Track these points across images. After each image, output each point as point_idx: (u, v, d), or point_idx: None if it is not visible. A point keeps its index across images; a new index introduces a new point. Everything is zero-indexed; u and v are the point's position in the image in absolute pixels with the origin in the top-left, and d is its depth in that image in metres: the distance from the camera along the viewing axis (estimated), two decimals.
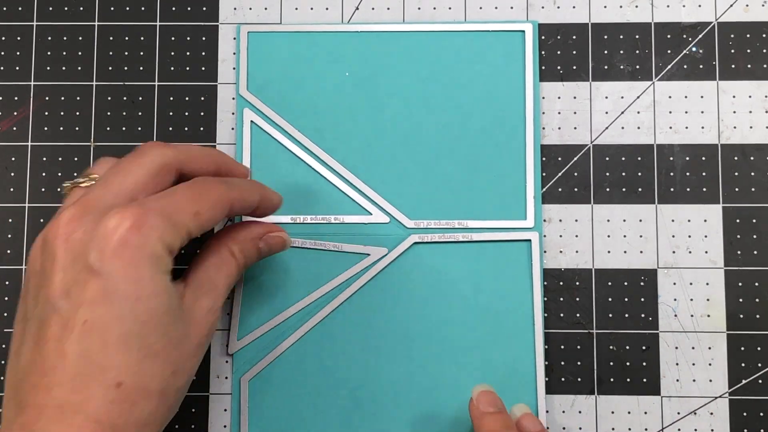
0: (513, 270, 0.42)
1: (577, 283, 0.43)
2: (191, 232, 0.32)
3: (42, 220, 0.43)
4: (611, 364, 0.42)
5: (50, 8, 0.44)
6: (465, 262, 0.42)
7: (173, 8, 0.44)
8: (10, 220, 0.43)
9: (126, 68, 0.44)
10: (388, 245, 0.42)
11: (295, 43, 0.44)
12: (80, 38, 0.44)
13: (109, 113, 0.44)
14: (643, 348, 0.42)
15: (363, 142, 0.43)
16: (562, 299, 0.43)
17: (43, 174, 0.43)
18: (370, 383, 0.41)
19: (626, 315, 0.42)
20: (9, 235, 0.43)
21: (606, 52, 0.44)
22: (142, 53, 0.44)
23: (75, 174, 0.43)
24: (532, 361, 0.41)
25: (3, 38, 0.44)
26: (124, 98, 0.44)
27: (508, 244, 0.42)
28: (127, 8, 0.44)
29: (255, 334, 0.42)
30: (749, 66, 0.44)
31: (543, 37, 0.44)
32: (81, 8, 0.44)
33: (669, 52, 0.44)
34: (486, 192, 0.42)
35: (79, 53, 0.44)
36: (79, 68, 0.44)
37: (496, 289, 0.42)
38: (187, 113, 0.44)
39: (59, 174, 0.43)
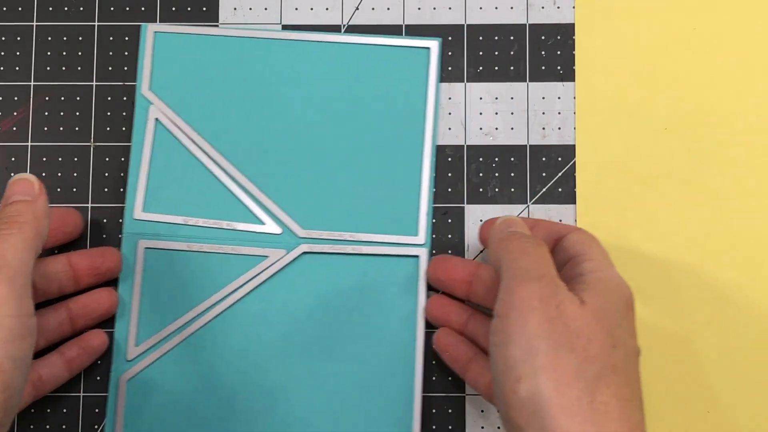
0: (401, 285, 0.42)
1: None
2: None
3: None
4: None
5: (50, 8, 0.44)
6: (354, 275, 0.42)
7: (173, 8, 0.44)
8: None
9: (126, 68, 0.44)
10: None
11: (201, 46, 0.43)
12: (80, 38, 0.44)
13: (109, 113, 0.44)
14: None
15: (262, 149, 0.43)
16: None
17: (43, 174, 0.43)
18: (246, 390, 0.41)
19: None
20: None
21: None
22: None
23: (75, 174, 0.43)
24: (412, 376, 0.41)
25: (3, 38, 0.44)
26: (124, 98, 0.44)
27: (398, 259, 0.42)
28: (127, 8, 0.44)
29: (152, 341, 0.41)
30: None
31: (543, 37, 0.44)
32: (81, 8, 0.44)
33: None
34: (381, 206, 0.42)
35: (79, 53, 0.44)
36: (79, 68, 0.44)
37: (381, 303, 0.42)
38: None
39: (59, 174, 0.43)
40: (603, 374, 0.30)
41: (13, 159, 0.44)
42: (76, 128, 0.44)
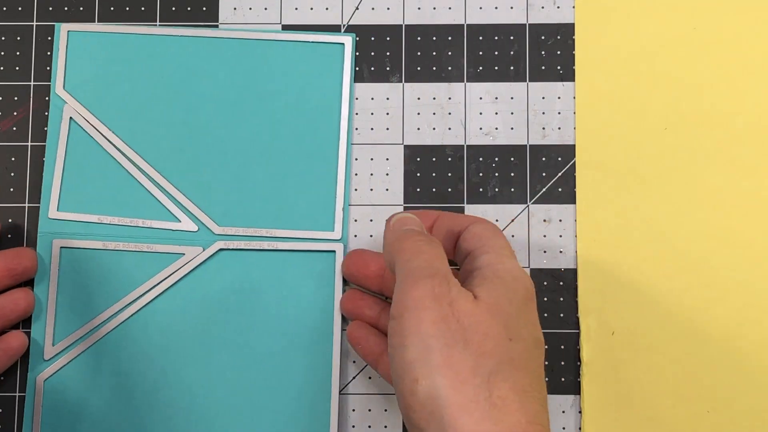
0: (317, 280, 0.42)
1: (578, 283, 0.43)
2: None
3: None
4: None
5: (50, 8, 0.44)
6: (271, 271, 0.42)
7: (173, 8, 0.44)
8: (10, 220, 0.43)
9: None
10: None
11: (116, 44, 0.43)
12: None
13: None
14: None
15: (177, 146, 0.43)
16: (562, 299, 0.43)
17: (43, 174, 0.43)
18: (165, 387, 0.41)
19: None
20: (9, 235, 0.43)
21: None
22: None
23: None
24: (329, 370, 0.41)
25: (3, 38, 0.44)
26: None
27: (314, 255, 0.42)
28: (127, 8, 0.44)
29: (70, 340, 0.41)
30: None
31: (543, 37, 0.44)
32: (81, 8, 0.44)
33: None
34: (297, 202, 0.42)
35: None
36: None
37: (299, 298, 0.42)
38: None
39: None
40: (499, 369, 0.30)
41: (13, 159, 0.44)
42: None
